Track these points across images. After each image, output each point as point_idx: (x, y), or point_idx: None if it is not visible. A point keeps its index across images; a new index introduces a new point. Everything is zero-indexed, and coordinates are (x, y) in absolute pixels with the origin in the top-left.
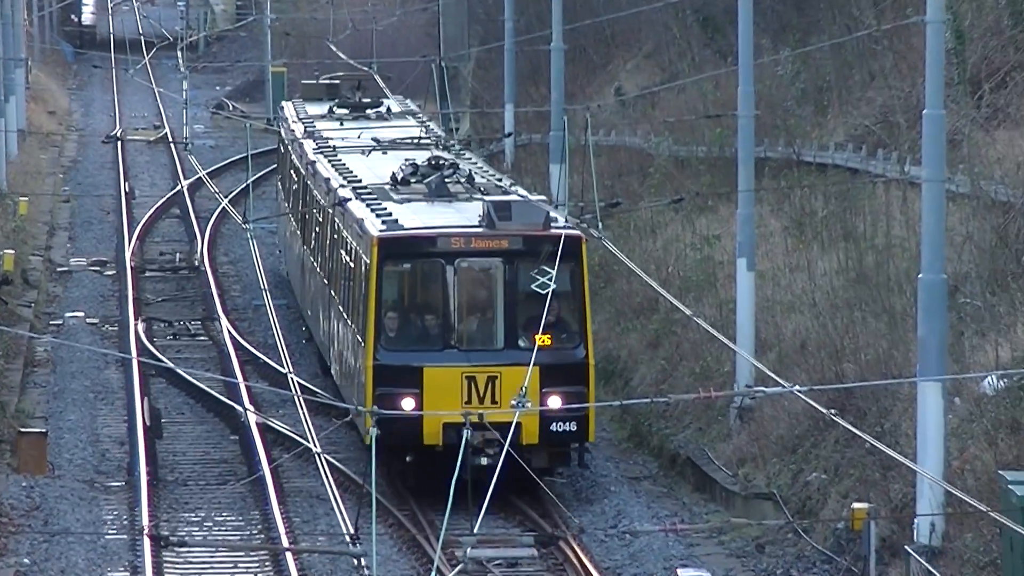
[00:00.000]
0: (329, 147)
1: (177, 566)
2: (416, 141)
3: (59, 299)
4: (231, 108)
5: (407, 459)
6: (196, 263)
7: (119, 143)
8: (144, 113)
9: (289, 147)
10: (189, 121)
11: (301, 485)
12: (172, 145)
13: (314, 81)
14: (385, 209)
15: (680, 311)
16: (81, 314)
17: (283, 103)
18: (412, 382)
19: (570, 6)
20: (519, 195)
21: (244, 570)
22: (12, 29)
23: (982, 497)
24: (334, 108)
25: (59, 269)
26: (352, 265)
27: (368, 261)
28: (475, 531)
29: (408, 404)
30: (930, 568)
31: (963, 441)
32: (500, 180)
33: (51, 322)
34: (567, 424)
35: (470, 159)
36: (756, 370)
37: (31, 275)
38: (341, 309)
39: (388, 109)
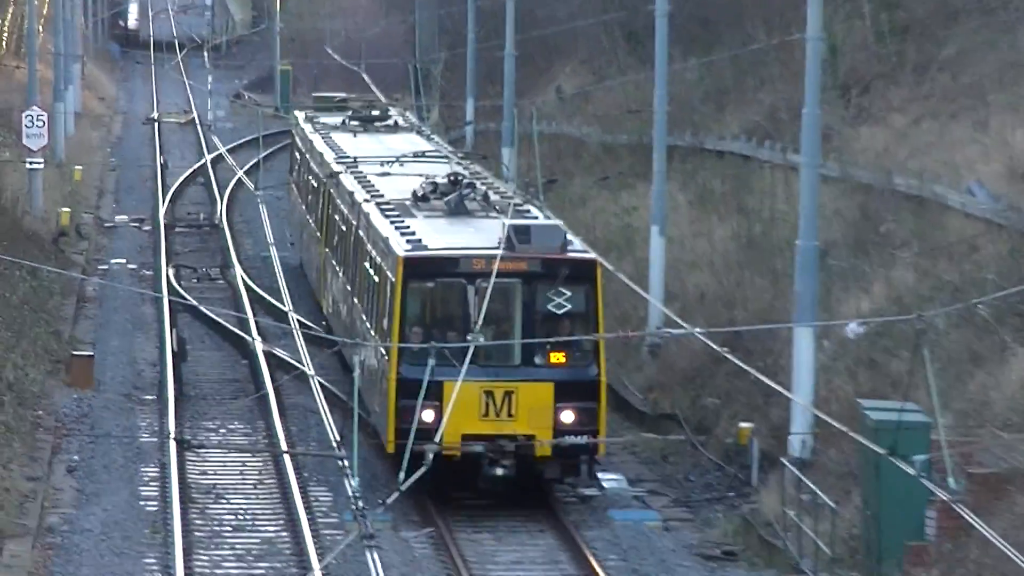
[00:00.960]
0: (350, 159)
1: (196, 465)
2: (429, 155)
3: (105, 248)
4: (246, 98)
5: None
6: (216, 221)
7: (156, 124)
8: (176, 100)
9: (308, 154)
10: (212, 107)
11: (298, 401)
12: (198, 126)
13: (325, 95)
14: (409, 228)
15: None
16: (123, 261)
17: (296, 112)
18: (433, 395)
19: (520, 20)
20: (531, 214)
21: (250, 468)
22: (71, 32)
23: (843, 420)
24: (347, 120)
25: (106, 224)
26: (377, 280)
27: (393, 279)
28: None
29: (429, 416)
30: (800, 476)
31: (829, 375)
32: (512, 197)
33: (99, 267)
34: (579, 438)
35: (483, 175)
36: (665, 316)
37: (83, 229)
38: (366, 319)
39: (395, 122)
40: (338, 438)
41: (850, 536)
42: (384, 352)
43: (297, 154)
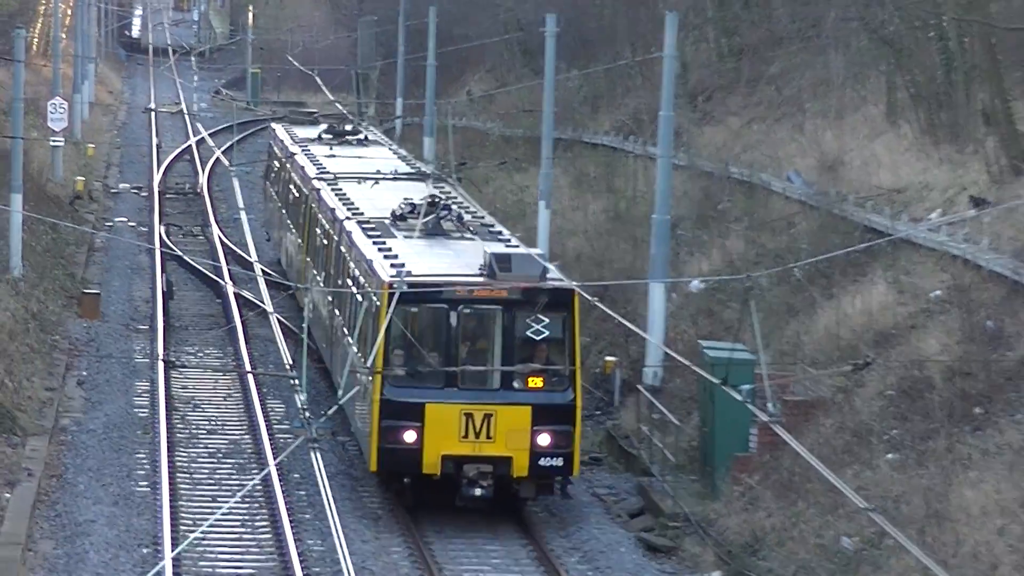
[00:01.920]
0: (330, 174)
1: (179, 381)
2: (400, 172)
3: (111, 209)
4: (224, 94)
5: (405, 481)
6: (198, 190)
7: (152, 113)
8: (169, 94)
9: (287, 163)
10: (197, 101)
11: (260, 332)
12: (186, 115)
13: (300, 110)
14: (391, 250)
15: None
16: (125, 219)
17: (273, 125)
18: (415, 416)
19: (439, 37)
20: (503, 235)
21: (221, 384)
22: (87, 38)
23: (687, 356)
24: (322, 134)
25: (111, 191)
26: (362, 301)
27: (378, 304)
28: None
29: (410, 437)
30: (652, 399)
31: (676, 320)
32: (483, 218)
33: (105, 223)
34: (555, 459)
35: (454, 195)
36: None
37: (94, 194)
38: (350, 341)
39: (365, 137)
40: (290, 362)
41: (690, 447)
42: (368, 372)
43: (276, 162)
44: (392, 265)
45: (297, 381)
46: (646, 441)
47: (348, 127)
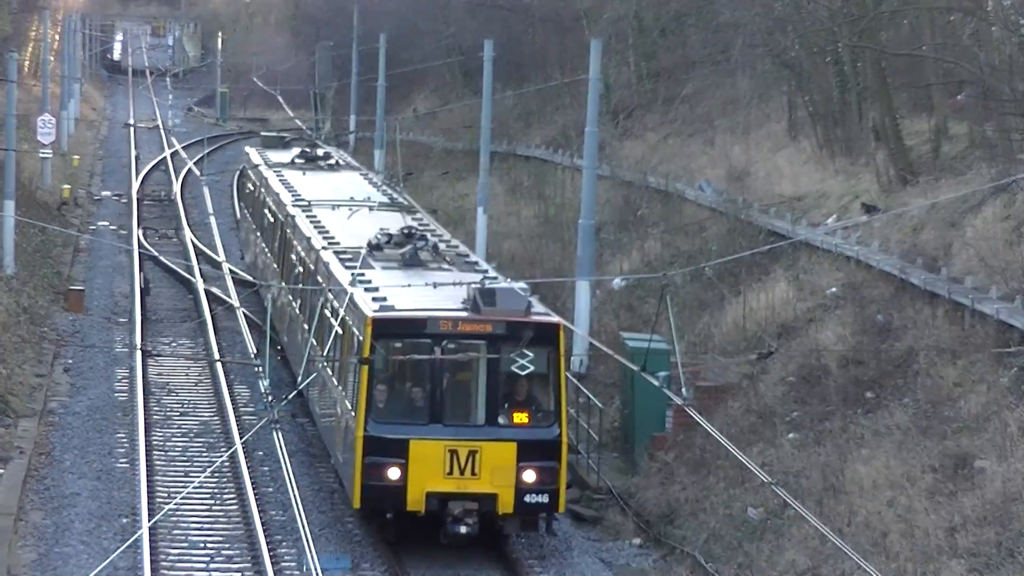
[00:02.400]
0: (304, 201)
1: (155, 368)
2: (377, 202)
3: (94, 214)
4: (196, 111)
5: (388, 516)
6: (172, 197)
7: (132, 128)
8: (146, 111)
9: (262, 187)
10: (171, 117)
11: (228, 325)
12: (161, 130)
13: (271, 133)
14: (371, 282)
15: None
16: (106, 223)
17: (247, 148)
18: (399, 452)
19: (389, 61)
20: (480, 266)
21: (193, 371)
22: (73, 61)
23: (610, 345)
24: (295, 159)
25: (95, 197)
26: (342, 334)
27: (361, 339)
28: None
29: (394, 474)
30: (579, 384)
31: (600, 314)
32: (457, 247)
33: (89, 227)
34: (541, 496)
35: (429, 226)
36: None
37: (79, 200)
38: (333, 376)
39: (336, 161)
40: (255, 351)
41: (612, 428)
42: (351, 408)
43: (250, 185)
44: (374, 299)
45: (260, 368)
46: (573, 423)
47: (320, 152)
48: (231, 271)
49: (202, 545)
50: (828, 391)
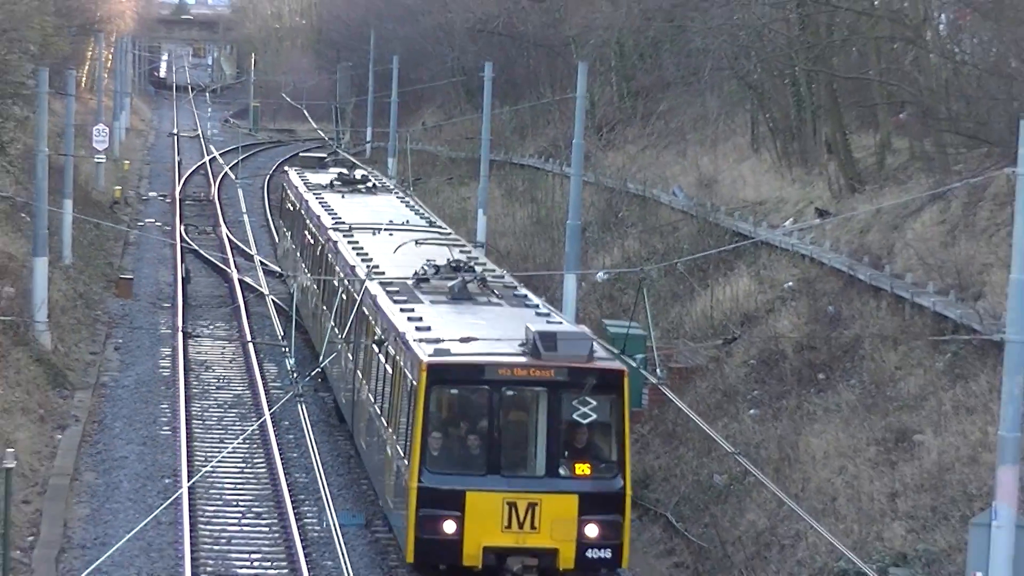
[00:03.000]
0: (345, 225)
1: (194, 347)
2: (413, 224)
3: (142, 212)
4: (231, 122)
5: (441, 568)
6: (210, 198)
7: (175, 137)
8: (188, 122)
9: (302, 210)
10: (210, 128)
11: (259, 310)
12: (201, 139)
13: (310, 155)
14: (422, 320)
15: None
16: (153, 220)
17: (287, 169)
18: (454, 505)
19: (400, 80)
20: (530, 300)
21: (228, 351)
22: (124, 77)
23: (594, 331)
24: (334, 182)
25: (142, 197)
26: (392, 373)
27: (416, 384)
28: None
29: (450, 527)
30: None
31: (585, 304)
32: (503, 277)
33: (137, 223)
34: (603, 551)
35: (473, 254)
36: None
37: (128, 199)
38: (382, 417)
39: (374, 184)
40: (282, 333)
41: None
42: (403, 454)
43: (290, 205)
44: (427, 340)
45: (287, 349)
46: None
47: (358, 174)
48: (261, 263)
49: (235, 503)
50: (784, 373)
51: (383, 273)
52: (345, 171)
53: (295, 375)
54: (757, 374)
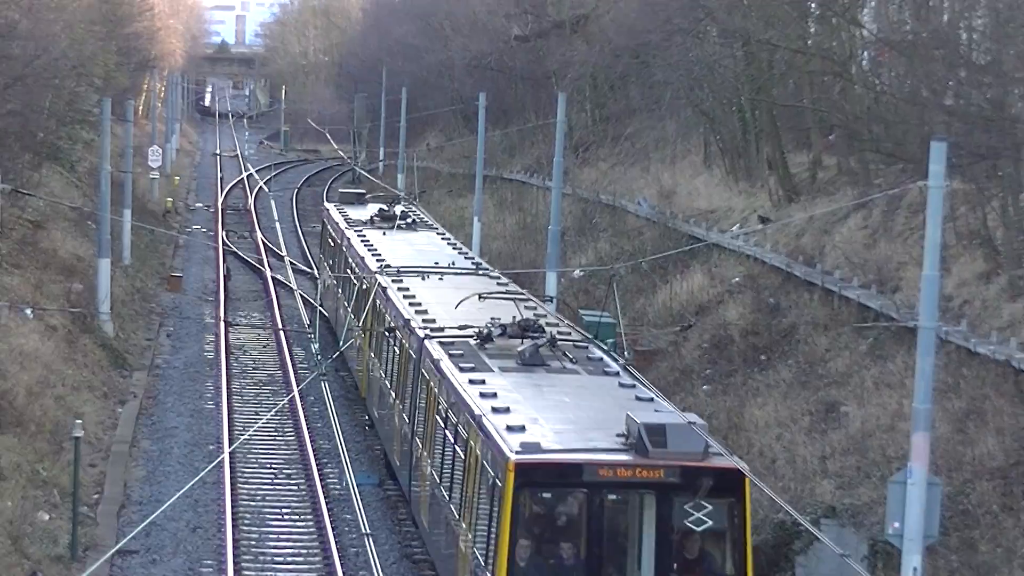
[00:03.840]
0: (393, 269)
1: (234, 334)
2: (463, 268)
3: (189, 220)
4: (265, 144)
5: None
6: (247, 207)
7: (217, 156)
8: (228, 144)
9: (344, 248)
10: (247, 148)
11: (289, 303)
12: (239, 158)
13: (348, 190)
14: (496, 396)
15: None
16: (199, 226)
17: (326, 204)
18: None
19: (408, 107)
20: (610, 368)
21: (262, 337)
22: (175, 106)
23: (571, 320)
24: (375, 218)
25: (190, 208)
26: (466, 458)
27: (502, 484)
28: None
29: None
30: None
31: (564, 296)
32: (570, 333)
33: (186, 229)
34: None
35: (540, 310)
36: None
37: (178, 209)
38: (453, 506)
39: (414, 220)
40: (308, 322)
41: None
42: (484, 563)
43: (331, 241)
44: (510, 428)
45: (312, 335)
46: None
47: (398, 210)
48: (291, 263)
49: (268, 466)
50: (732, 354)
51: (441, 330)
52: (385, 207)
53: (319, 358)
54: (709, 356)
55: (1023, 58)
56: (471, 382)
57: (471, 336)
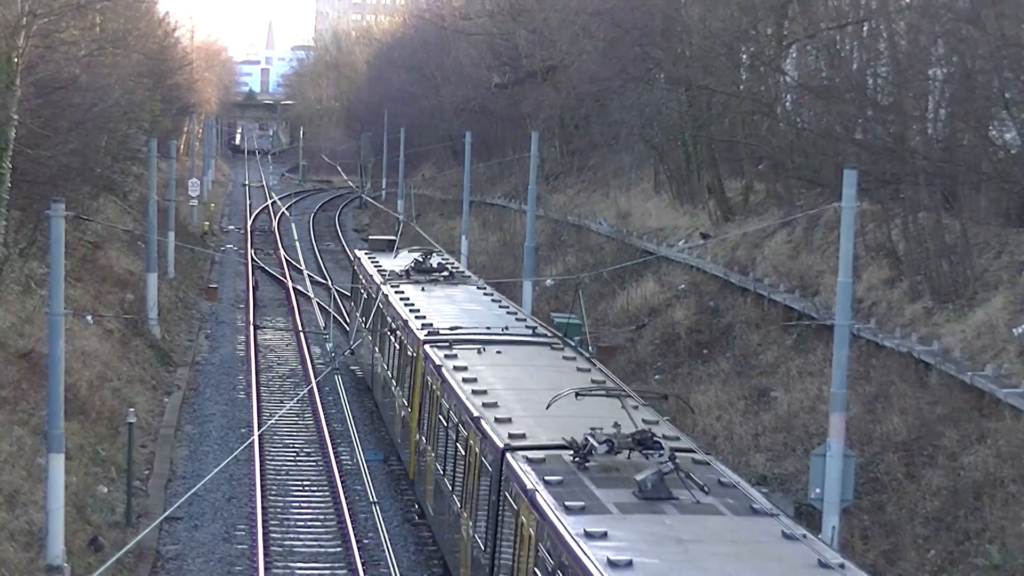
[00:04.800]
0: (444, 341)
1: (262, 335)
2: (525, 337)
3: (223, 240)
4: (286, 176)
5: None
6: (272, 229)
7: (246, 187)
8: (256, 176)
9: (381, 304)
10: (271, 180)
11: (308, 308)
12: (265, 188)
13: (378, 237)
14: (632, 566)
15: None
16: (232, 245)
17: (357, 252)
18: None
19: (406, 143)
20: (759, 507)
21: (285, 338)
22: (211, 145)
23: (544, 321)
24: (411, 271)
25: (224, 230)
26: None
27: None
28: None
29: None
30: None
31: (538, 303)
32: (677, 439)
33: (220, 248)
34: None
35: (652, 419)
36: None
37: (214, 231)
38: None
39: (451, 272)
40: (323, 325)
41: None
42: None
43: (363, 291)
44: None
45: (327, 336)
46: None
47: (434, 262)
48: (309, 276)
49: (291, 445)
50: (679, 349)
51: (524, 438)
52: (420, 258)
53: (333, 355)
54: (660, 350)
55: (919, 100)
56: (588, 536)
57: (565, 448)
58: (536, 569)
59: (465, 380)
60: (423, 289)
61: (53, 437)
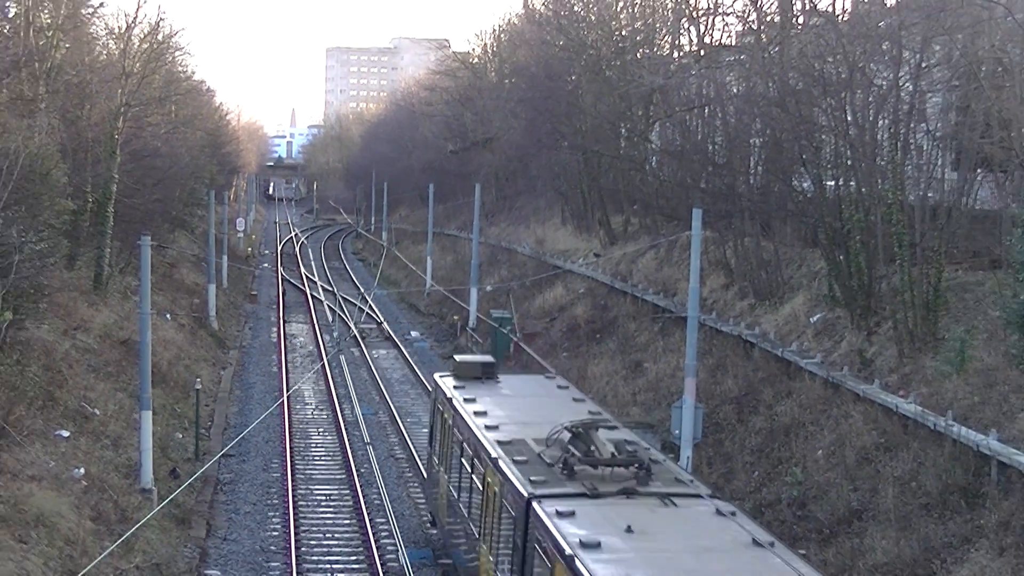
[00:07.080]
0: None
1: (289, 328)
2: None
3: (261, 260)
4: (305, 215)
5: None
6: (295, 253)
7: (276, 223)
8: (284, 216)
9: (476, 459)
10: (294, 218)
11: (321, 309)
12: (290, 224)
13: (467, 358)
14: None
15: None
16: (267, 265)
17: (437, 377)
18: None
19: (389, 191)
20: None
21: (306, 329)
22: (252, 194)
23: (486, 315)
24: (568, 463)
25: (261, 253)
26: None
27: None
28: None
29: None
30: (472, 333)
31: (483, 303)
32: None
33: (259, 266)
34: None
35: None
36: (432, 284)
37: (254, 254)
38: None
39: (644, 467)
40: (331, 318)
41: (485, 352)
42: None
43: (453, 439)
44: None
45: (334, 326)
46: (469, 350)
47: (603, 437)
48: (323, 288)
49: (310, 403)
50: (580, 335)
51: None
52: (575, 430)
53: (339, 340)
54: (566, 336)
55: (744, 160)
56: None
57: None
58: None
59: None
60: (627, 528)
61: (143, 399)
